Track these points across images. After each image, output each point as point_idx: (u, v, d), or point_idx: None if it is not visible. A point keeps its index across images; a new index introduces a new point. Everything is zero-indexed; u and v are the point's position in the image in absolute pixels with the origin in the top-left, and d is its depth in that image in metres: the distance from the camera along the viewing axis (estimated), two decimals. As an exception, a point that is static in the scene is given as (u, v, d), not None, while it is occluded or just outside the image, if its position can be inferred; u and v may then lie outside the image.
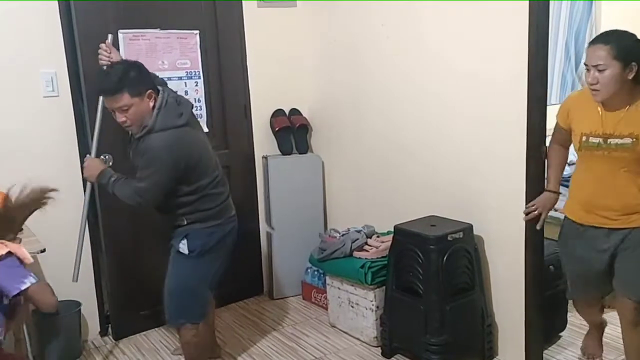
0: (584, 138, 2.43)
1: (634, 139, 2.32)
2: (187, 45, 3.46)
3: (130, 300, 3.42)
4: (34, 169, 3.03)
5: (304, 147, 3.92)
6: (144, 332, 3.45)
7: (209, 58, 3.57)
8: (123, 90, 2.43)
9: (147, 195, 2.51)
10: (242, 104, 3.76)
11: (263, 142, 3.86)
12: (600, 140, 2.38)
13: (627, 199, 2.38)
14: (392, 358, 3.07)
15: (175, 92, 2.71)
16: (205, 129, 3.58)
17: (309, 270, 3.83)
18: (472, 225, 2.91)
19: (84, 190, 2.91)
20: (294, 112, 3.93)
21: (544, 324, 2.90)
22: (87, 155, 2.82)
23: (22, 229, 2.38)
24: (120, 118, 2.50)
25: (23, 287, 2.03)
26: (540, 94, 2.62)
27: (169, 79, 3.41)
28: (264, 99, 3.82)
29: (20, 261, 2.13)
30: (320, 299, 3.74)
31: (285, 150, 3.87)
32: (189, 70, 3.50)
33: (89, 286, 3.38)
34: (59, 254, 2.95)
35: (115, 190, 2.58)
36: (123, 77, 2.43)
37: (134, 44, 3.28)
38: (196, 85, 3.55)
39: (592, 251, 2.49)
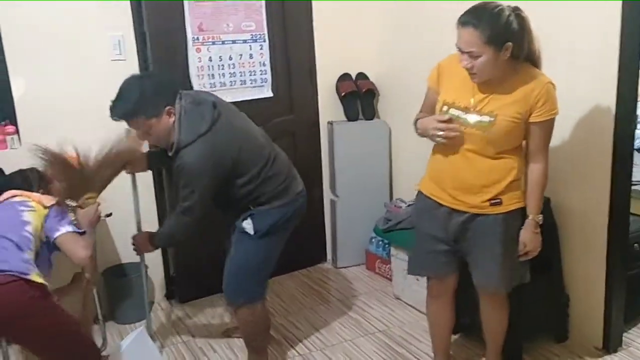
0: (444, 107, 2.22)
1: (492, 118, 2.12)
2: (252, 7, 3.37)
3: (196, 264, 3.43)
4: (100, 132, 3.09)
5: (370, 113, 3.79)
6: (209, 297, 3.46)
7: (274, 20, 3.47)
8: (137, 115, 2.29)
9: (195, 212, 2.40)
10: (307, 68, 3.66)
11: (328, 107, 3.75)
12: (460, 113, 2.18)
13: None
14: (457, 334, 2.96)
15: (192, 89, 2.55)
16: (270, 94, 3.53)
17: (373, 240, 3.74)
18: (549, 198, 2.72)
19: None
20: (361, 76, 3.79)
21: (624, 305, 2.71)
22: (132, 235, 2.75)
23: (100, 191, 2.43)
24: (143, 139, 2.43)
25: (56, 234, 2.08)
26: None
27: (234, 42, 3.36)
28: (330, 63, 3.69)
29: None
30: (384, 270, 3.65)
31: (351, 116, 3.75)
32: (253, 33, 3.42)
33: (156, 250, 3.41)
34: (126, 218, 2.96)
35: (172, 232, 2.55)
36: (137, 100, 2.27)
37: (199, 7, 3.22)
38: (261, 49, 3.46)
39: None
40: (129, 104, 2.28)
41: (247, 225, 2.48)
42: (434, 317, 2.60)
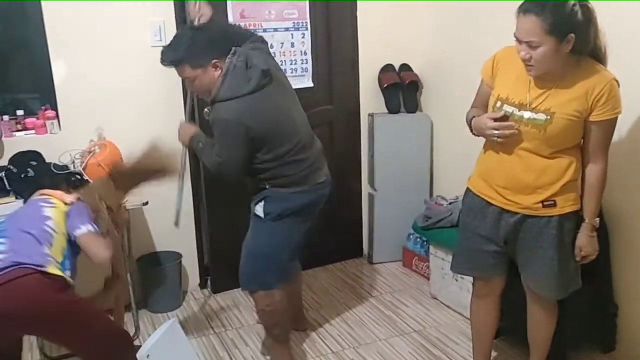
0: (497, 103, 2.09)
1: (548, 117, 1.98)
2: (295, -5, 3.30)
3: (230, 255, 3.36)
4: (139, 118, 3.08)
5: (413, 106, 3.67)
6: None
7: (317, 8, 3.38)
8: (183, 63, 2.32)
9: (227, 169, 2.39)
10: (349, 57, 3.56)
11: (370, 98, 3.65)
12: (515, 110, 2.04)
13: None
14: (498, 339, 2.85)
15: (256, 48, 2.46)
16: (310, 84, 3.45)
17: (411, 237, 3.64)
18: (601, 204, 2.57)
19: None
20: (404, 67, 3.67)
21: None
22: (181, 120, 2.72)
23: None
24: (189, 87, 2.46)
25: (77, 232, 2.06)
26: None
27: (275, 29, 3.29)
28: (373, 53, 3.59)
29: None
30: (421, 268, 3.56)
31: (392, 108, 3.64)
32: (296, 21, 3.34)
33: (190, 238, 3.41)
34: (162, 206, 2.95)
35: (202, 158, 2.51)
36: (185, 49, 2.31)
37: (241, -7, 3.16)
38: (303, 37, 3.38)
39: None
40: (177, 52, 2.32)
41: (259, 208, 2.46)
42: (478, 319, 2.49)
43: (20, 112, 3.03)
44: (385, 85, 3.59)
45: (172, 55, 2.33)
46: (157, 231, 3.25)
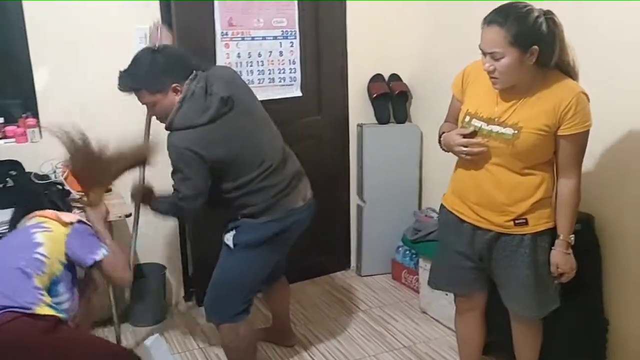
0: (466, 118, 2.07)
1: (516, 131, 1.95)
2: (284, 3, 3.24)
3: (214, 266, 3.31)
4: (123, 128, 2.99)
5: (402, 116, 3.63)
6: (228, 301, 3.35)
7: (307, 16, 3.33)
8: (141, 89, 2.22)
9: (189, 202, 2.24)
10: (338, 67, 3.51)
11: (359, 109, 3.61)
12: (483, 124, 2.01)
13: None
14: (486, 356, 2.79)
15: (216, 70, 2.37)
16: (299, 93, 3.40)
17: (400, 249, 3.60)
18: (592, 216, 2.54)
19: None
20: (394, 77, 3.64)
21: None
22: (134, 181, 2.56)
23: (111, 186, 2.30)
24: (150, 113, 2.35)
25: (98, 258, 1.95)
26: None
27: (264, 38, 3.24)
28: (362, 63, 3.55)
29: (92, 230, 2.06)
30: (411, 281, 3.51)
31: (382, 119, 3.60)
32: (284, 30, 3.28)
33: (174, 249, 3.33)
34: (145, 217, 2.86)
35: (167, 217, 2.51)
36: (144, 74, 2.20)
37: (230, 1, 3.10)
38: (291, 46, 3.33)
39: None
40: (135, 78, 2.22)
41: (229, 237, 2.37)
42: (463, 336, 2.45)
43: (0, 120, 2.94)
44: (374, 95, 3.54)
45: (130, 82, 2.22)
46: (139, 242, 3.15)
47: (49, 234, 1.98)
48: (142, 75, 2.21)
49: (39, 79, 2.87)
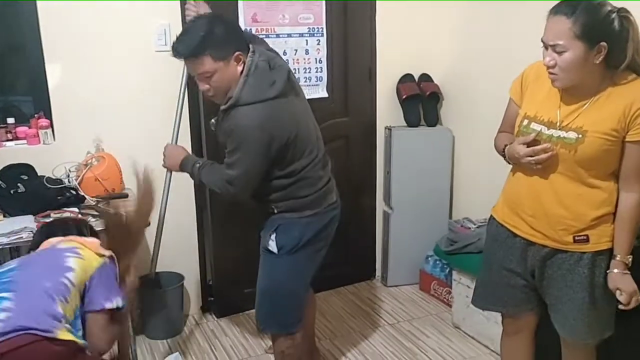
0: (524, 122, 1.89)
1: (580, 135, 1.78)
2: (311, -2, 3.06)
3: (236, 276, 3.14)
4: (141, 128, 2.84)
5: (433, 119, 3.44)
6: (248, 312, 3.17)
7: (334, 13, 3.15)
8: (205, 52, 1.98)
9: (239, 184, 2.08)
10: (366, 66, 3.33)
11: (387, 110, 3.42)
12: (544, 127, 1.83)
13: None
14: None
15: (271, 51, 2.21)
16: (325, 94, 3.22)
17: (429, 259, 3.41)
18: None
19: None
20: (425, 77, 3.44)
21: None
22: (167, 143, 2.45)
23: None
24: (203, 86, 2.07)
25: (108, 306, 1.78)
26: None
27: (289, 35, 3.06)
28: (392, 62, 3.36)
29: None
30: (440, 293, 3.32)
31: (411, 121, 3.41)
32: (311, 27, 3.10)
33: (193, 258, 3.16)
34: (165, 225, 2.71)
35: (202, 179, 2.21)
36: (205, 37, 1.97)
37: (254, -5, 2.93)
38: (318, 44, 3.15)
39: None
40: (196, 37, 1.98)
41: (272, 243, 2.18)
42: (509, 359, 2.26)
43: (11, 120, 2.78)
44: (404, 97, 3.36)
45: (191, 43, 1.98)
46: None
47: (81, 261, 1.81)
48: (203, 38, 1.97)
49: (51, 76, 2.71)
